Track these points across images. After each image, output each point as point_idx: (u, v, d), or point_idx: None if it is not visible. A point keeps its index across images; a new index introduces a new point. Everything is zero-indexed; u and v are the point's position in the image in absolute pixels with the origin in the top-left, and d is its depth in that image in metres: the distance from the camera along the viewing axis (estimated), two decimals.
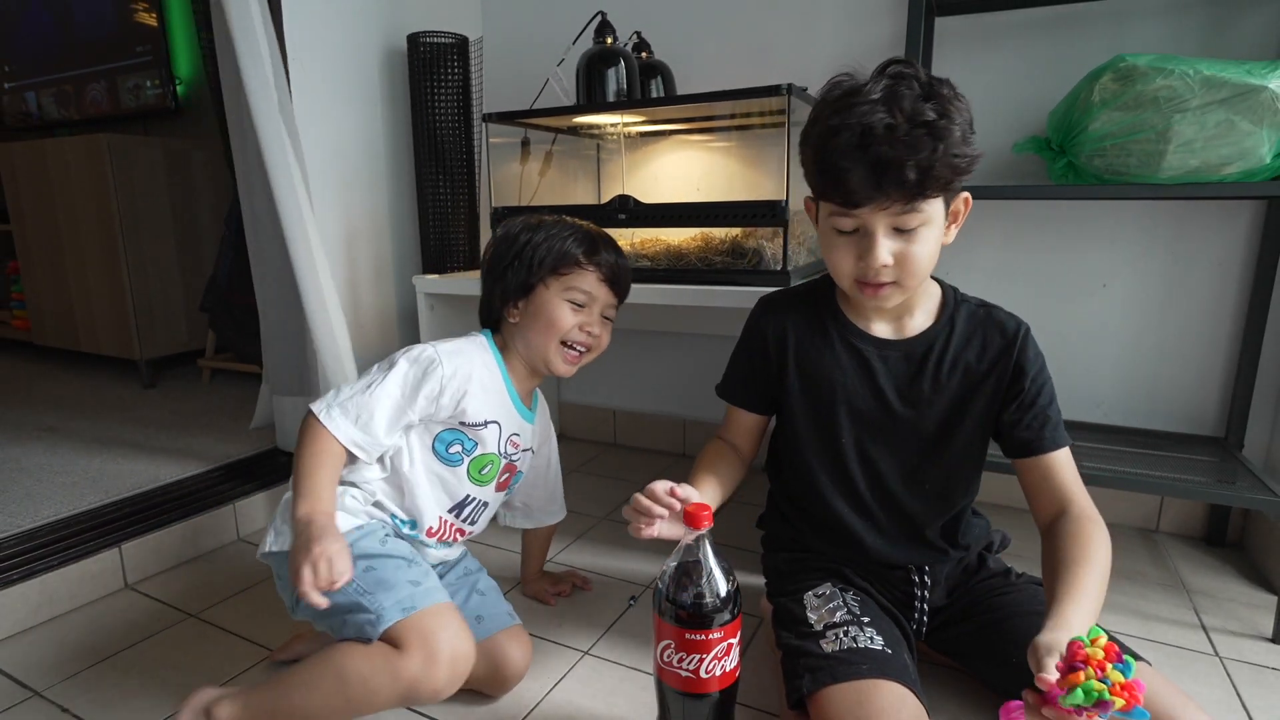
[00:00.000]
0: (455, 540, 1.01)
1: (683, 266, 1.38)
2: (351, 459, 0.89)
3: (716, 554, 0.77)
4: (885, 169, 0.75)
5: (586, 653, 1.06)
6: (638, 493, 0.79)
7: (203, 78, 2.56)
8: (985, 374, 0.89)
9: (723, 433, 1.02)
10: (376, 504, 0.93)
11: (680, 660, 0.76)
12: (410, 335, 1.81)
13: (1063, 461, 0.88)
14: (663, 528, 0.78)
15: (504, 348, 1.00)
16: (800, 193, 1.12)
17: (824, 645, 0.82)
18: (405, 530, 0.95)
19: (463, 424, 0.93)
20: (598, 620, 1.16)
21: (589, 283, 0.95)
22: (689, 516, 0.76)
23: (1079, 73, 1.30)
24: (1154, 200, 1.39)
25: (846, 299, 0.94)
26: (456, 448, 0.94)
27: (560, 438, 2.13)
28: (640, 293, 1.35)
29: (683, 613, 0.76)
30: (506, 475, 1.01)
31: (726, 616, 0.76)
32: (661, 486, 0.78)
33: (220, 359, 2.52)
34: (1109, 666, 0.60)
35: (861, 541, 0.94)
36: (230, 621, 1.17)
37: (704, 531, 0.76)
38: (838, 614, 0.86)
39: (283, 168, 1.37)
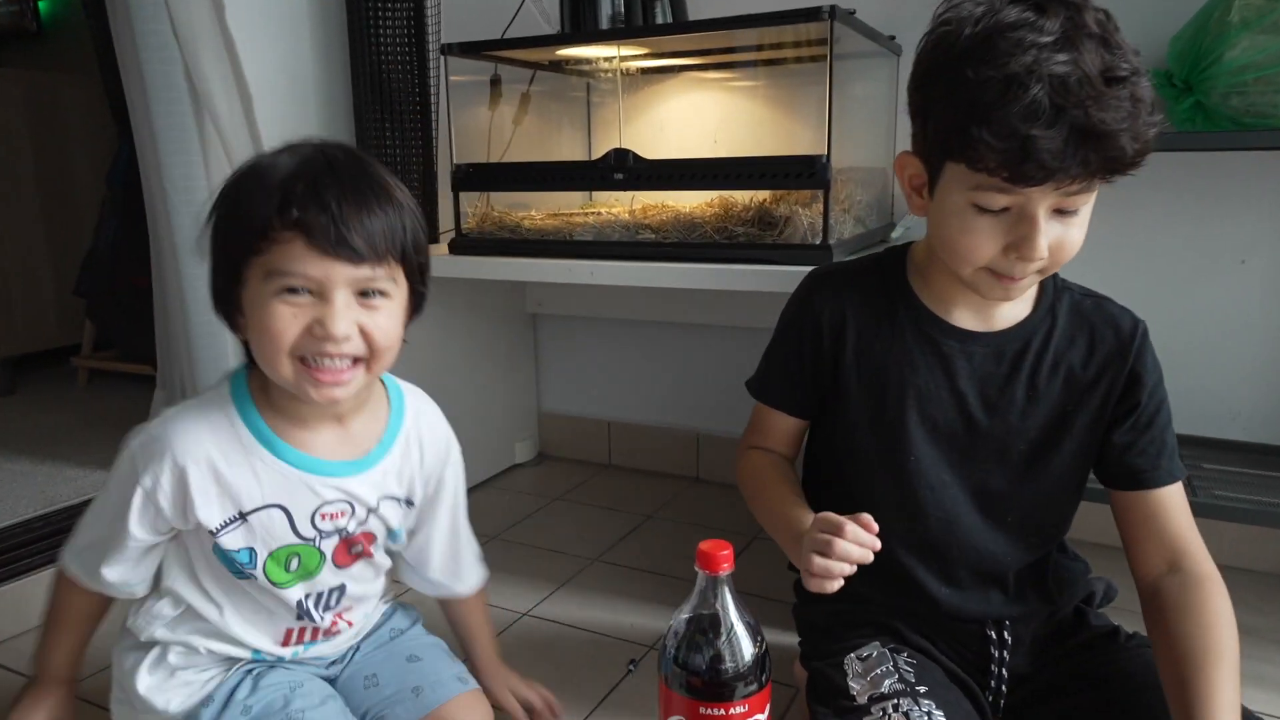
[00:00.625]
0: (337, 631, 0.95)
1: (695, 239, 1.39)
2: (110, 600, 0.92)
3: (739, 605, 0.78)
4: (1090, 140, 0.72)
5: None
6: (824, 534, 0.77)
7: None
8: (1093, 381, 0.90)
9: (757, 442, 1.03)
10: (204, 648, 0.90)
11: None
12: None
13: (1177, 499, 0.89)
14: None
15: (271, 389, 0.85)
16: (845, 146, 1.12)
17: None
18: (261, 657, 0.92)
19: (226, 524, 0.84)
20: (588, 690, 1.16)
21: (294, 255, 0.74)
22: (703, 556, 0.77)
23: None
24: None
25: (921, 276, 0.94)
26: (240, 562, 0.85)
27: (539, 458, 2.15)
28: (642, 273, 1.36)
29: (697, 681, 0.76)
30: (357, 548, 0.91)
31: (753, 686, 0.77)
32: (849, 527, 0.77)
33: (101, 357, 2.53)
34: None
35: (923, 588, 0.94)
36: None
37: (723, 575, 0.77)
38: (886, 683, 0.86)
39: (166, 111, 1.38)
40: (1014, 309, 0.92)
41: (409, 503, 0.94)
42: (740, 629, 0.77)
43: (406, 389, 0.97)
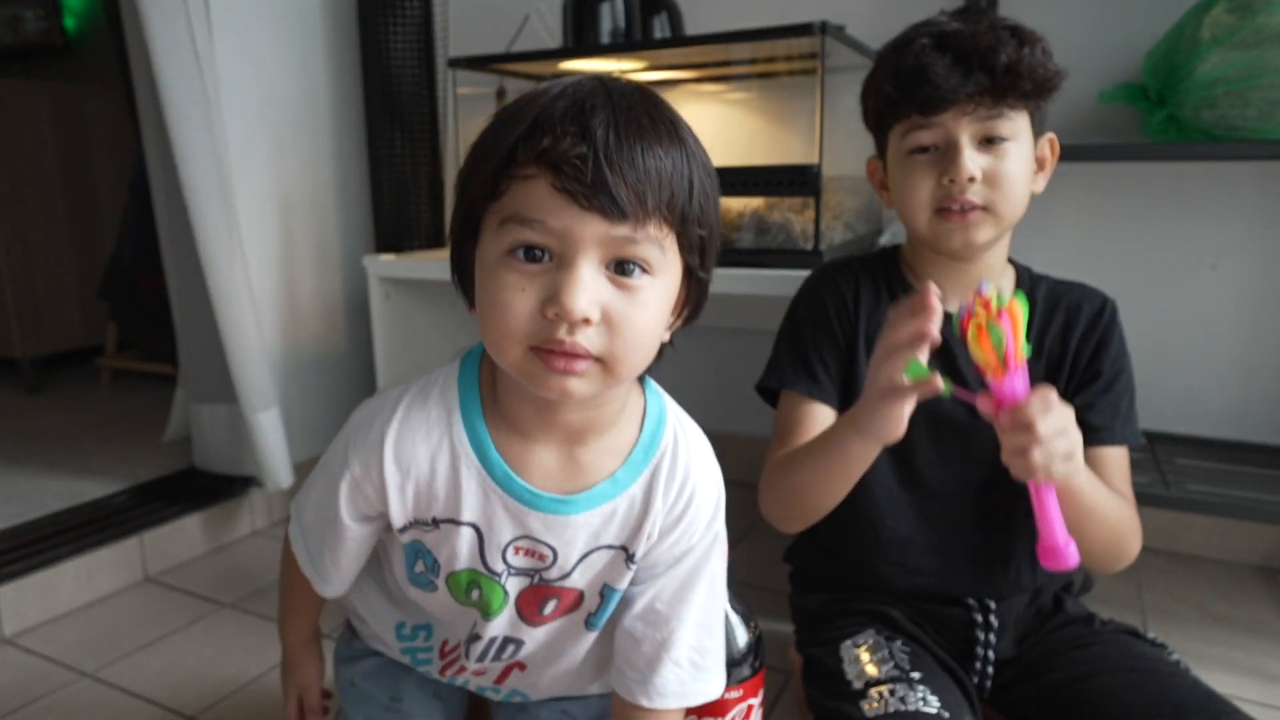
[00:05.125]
0: (485, 679, 0.80)
1: None
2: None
3: (734, 595, 0.78)
4: (970, 56, 0.84)
5: None
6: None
7: (98, 8, 2.57)
8: (1065, 353, 0.95)
9: (784, 447, 0.96)
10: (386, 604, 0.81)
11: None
12: (361, 329, 1.83)
13: (1121, 462, 0.93)
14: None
15: (498, 379, 0.68)
16: (835, 155, 1.13)
17: (865, 707, 0.83)
18: (417, 645, 0.80)
19: (414, 524, 0.70)
20: None
21: (534, 199, 0.55)
22: None
23: (1184, 3, 1.31)
24: (1277, 160, 1.40)
25: (911, 269, 0.99)
26: (420, 566, 0.72)
27: None
28: None
29: None
30: (552, 604, 0.71)
31: (746, 672, 0.77)
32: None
33: (124, 357, 2.53)
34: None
35: (923, 565, 0.96)
36: (134, 681, 1.18)
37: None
38: (882, 668, 0.87)
39: (191, 124, 1.39)
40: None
41: (631, 560, 0.69)
42: (734, 618, 0.78)
43: (672, 408, 0.72)
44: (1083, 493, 0.81)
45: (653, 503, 0.67)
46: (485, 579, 0.68)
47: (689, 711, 0.77)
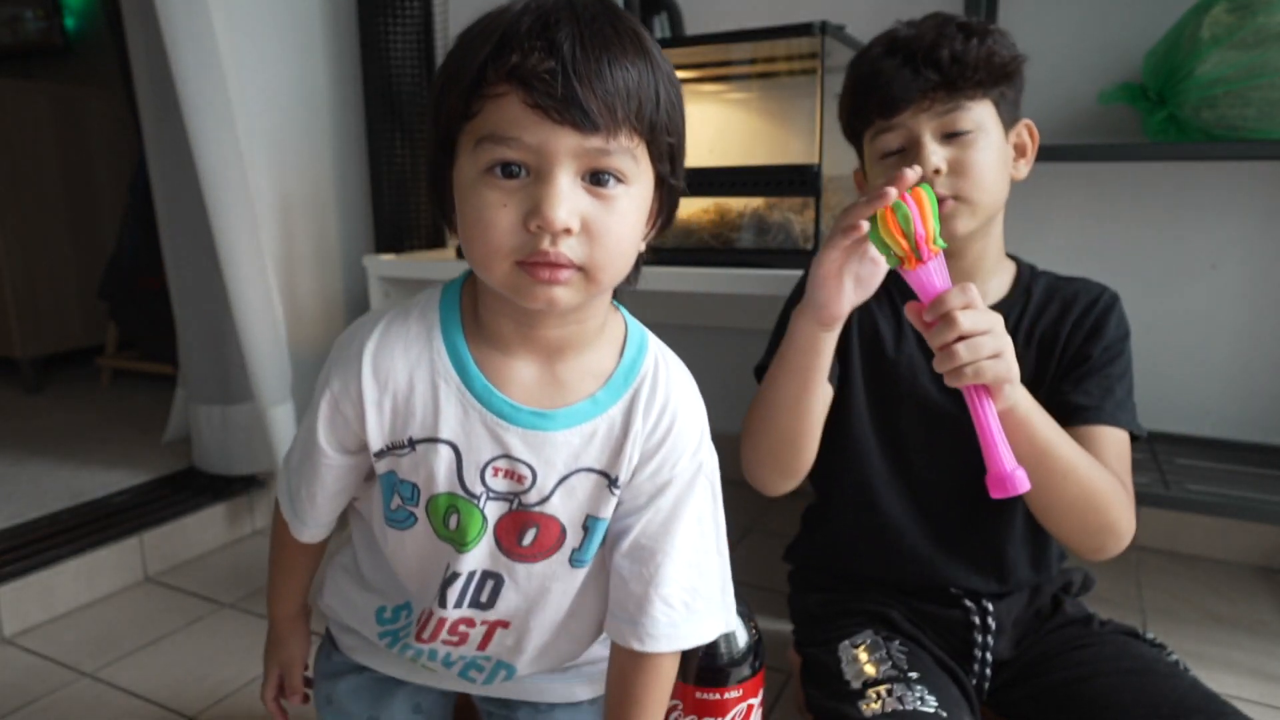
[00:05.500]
0: (467, 647, 0.74)
1: (692, 245, 1.39)
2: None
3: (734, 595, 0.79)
4: (916, 56, 0.88)
5: None
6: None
7: (98, 7, 2.57)
8: (1059, 339, 0.94)
9: None
10: (367, 586, 0.79)
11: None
12: None
13: (1115, 444, 0.90)
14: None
15: (479, 297, 0.69)
16: (835, 154, 1.13)
17: (864, 707, 0.83)
18: (398, 625, 0.77)
19: (390, 449, 0.68)
20: None
21: (508, 116, 0.56)
22: None
23: (1184, 3, 1.31)
24: (1277, 161, 1.40)
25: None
26: (397, 500, 0.70)
27: None
28: (640, 277, 1.36)
29: (693, 667, 0.77)
30: (531, 532, 0.69)
31: (746, 672, 0.77)
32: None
33: (124, 357, 2.53)
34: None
35: (917, 554, 0.96)
36: (134, 681, 1.18)
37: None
38: (880, 668, 0.87)
39: (211, 120, 1.38)
40: (994, 288, 0.97)
41: (614, 485, 0.68)
42: (733, 618, 0.78)
43: (653, 339, 0.72)
44: (1031, 420, 0.81)
45: (632, 424, 0.67)
46: (463, 502, 0.67)
47: (688, 711, 0.77)
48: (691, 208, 1.48)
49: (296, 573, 0.83)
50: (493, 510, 0.67)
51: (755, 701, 0.79)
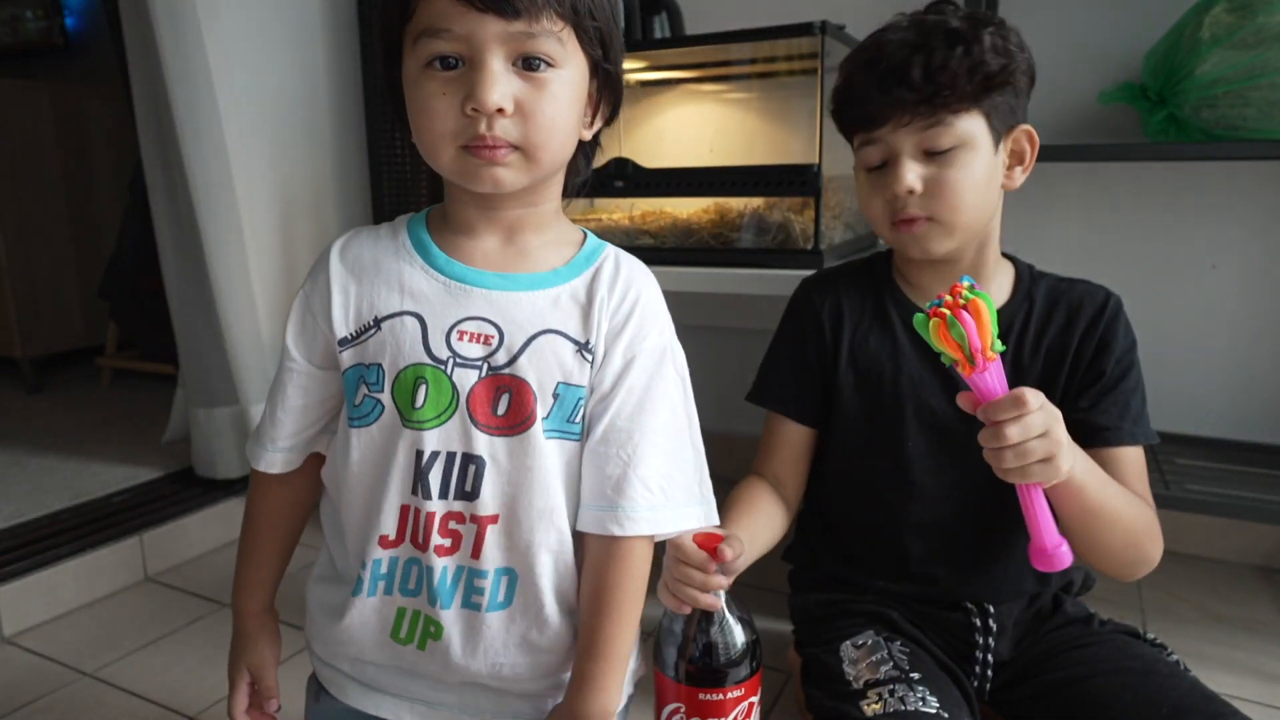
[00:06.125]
0: (456, 540, 0.69)
1: (693, 245, 1.39)
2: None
3: (731, 595, 0.79)
4: (894, 71, 0.84)
5: None
6: (674, 560, 0.75)
7: (98, 7, 2.57)
8: (1068, 350, 0.92)
9: (761, 465, 1.03)
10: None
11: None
12: None
13: (1135, 462, 0.90)
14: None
15: (445, 194, 0.74)
16: (835, 154, 1.13)
17: (865, 707, 0.83)
18: (383, 572, 0.71)
19: (355, 337, 0.69)
20: None
21: (438, 10, 0.61)
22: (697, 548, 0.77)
23: (1184, 3, 1.31)
24: (1277, 161, 1.40)
25: (903, 275, 0.99)
26: (363, 392, 0.69)
27: None
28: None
29: (692, 668, 0.77)
30: (504, 398, 0.67)
31: (745, 671, 0.77)
32: (697, 555, 0.74)
33: (124, 357, 2.53)
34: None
35: (921, 568, 0.95)
36: (134, 681, 1.18)
37: (714, 568, 0.77)
38: (882, 669, 0.87)
39: (199, 119, 1.39)
40: (993, 291, 0.94)
41: (586, 350, 0.68)
42: (731, 619, 0.78)
43: (610, 246, 0.75)
44: (1085, 491, 0.79)
45: (597, 294, 0.69)
46: (431, 370, 0.67)
47: (691, 713, 0.77)
48: (691, 208, 1.48)
49: (266, 558, 0.80)
50: (462, 379, 0.67)
51: (755, 700, 0.79)
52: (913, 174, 0.85)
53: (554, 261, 0.71)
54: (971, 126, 0.85)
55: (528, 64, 0.62)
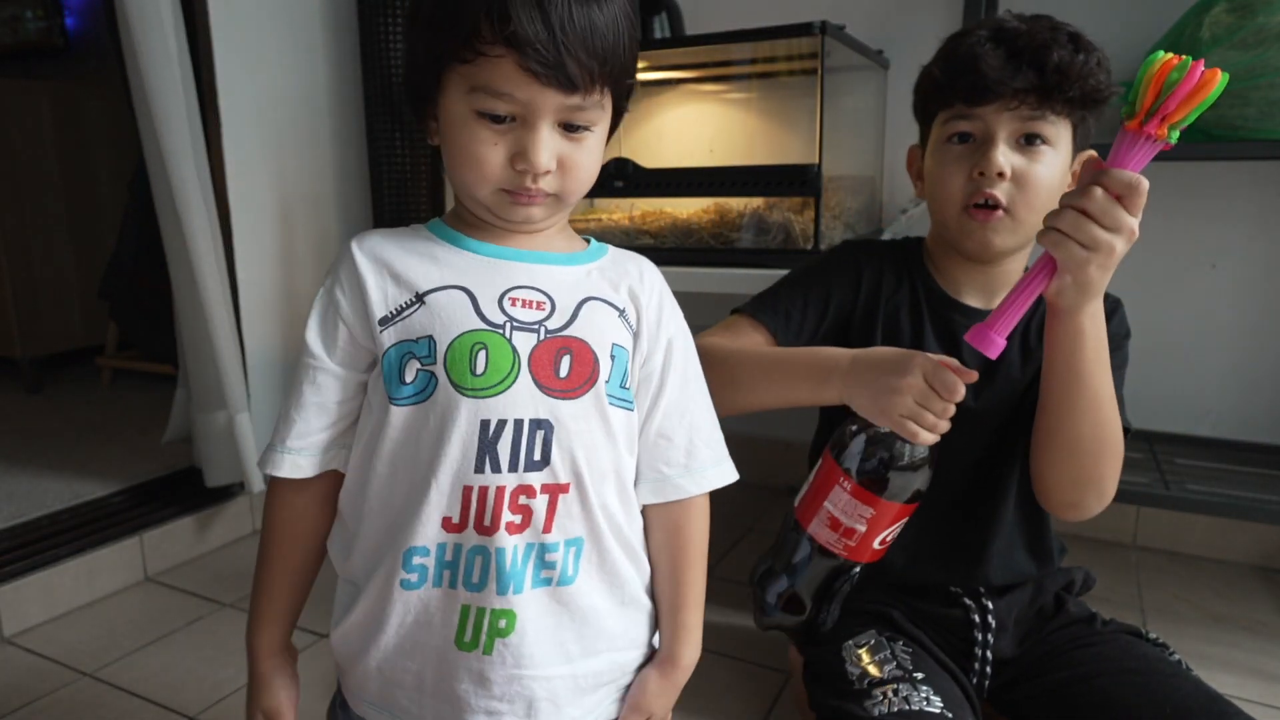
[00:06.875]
0: (527, 515, 0.66)
1: (693, 245, 1.39)
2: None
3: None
4: (1023, 53, 0.84)
5: None
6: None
7: (99, 7, 2.57)
8: None
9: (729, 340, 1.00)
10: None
11: (848, 517, 0.83)
12: None
13: None
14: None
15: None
16: (835, 154, 1.13)
17: (870, 707, 0.83)
18: (445, 546, 0.67)
19: (397, 314, 0.68)
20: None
21: (503, 76, 0.62)
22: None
23: (1184, 3, 1.31)
24: (1277, 161, 1.40)
25: (933, 262, 0.99)
26: (414, 368, 0.66)
27: None
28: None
29: (870, 476, 0.82)
30: (566, 360, 0.68)
31: (918, 491, 0.83)
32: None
33: (124, 357, 2.53)
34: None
35: (913, 548, 0.95)
36: (134, 681, 1.18)
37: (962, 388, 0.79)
38: (885, 668, 0.87)
39: (176, 125, 1.39)
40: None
41: (624, 317, 0.72)
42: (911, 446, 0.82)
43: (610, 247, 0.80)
44: (1083, 344, 0.81)
45: (620, 272, 0.74)
46: (488, 334, 0.66)
47: (861, 506, 0.82)
48: (691, 208, 1.48)
49: (280, 590, 0.75)
50: (521, 342, 0.67)
51: (905, 521, 0.84)
52: (1006, 158, 0.86)
53: (575, 248, 0.75)
54: (1063, 132, 0.87)
55: (570, 127, 0.66)
